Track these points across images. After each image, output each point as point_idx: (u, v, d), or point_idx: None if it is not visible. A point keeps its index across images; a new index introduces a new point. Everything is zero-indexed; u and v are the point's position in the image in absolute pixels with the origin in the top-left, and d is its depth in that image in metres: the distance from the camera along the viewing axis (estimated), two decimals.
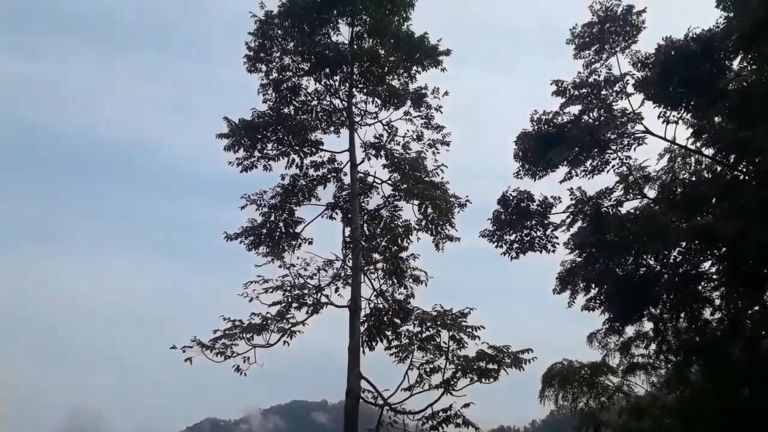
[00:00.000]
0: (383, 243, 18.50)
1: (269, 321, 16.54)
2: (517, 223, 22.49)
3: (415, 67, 19.37)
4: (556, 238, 22.64)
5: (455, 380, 15.69)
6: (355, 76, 19.10)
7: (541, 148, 22.11)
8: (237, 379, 16.52)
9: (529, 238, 22.76)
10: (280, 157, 18.49)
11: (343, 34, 19.30)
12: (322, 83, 19.09)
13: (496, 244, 22.84)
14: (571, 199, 22.18)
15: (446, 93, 19.41)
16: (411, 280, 18.32)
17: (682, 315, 20.87)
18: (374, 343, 17.70)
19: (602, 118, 21.99)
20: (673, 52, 19.59)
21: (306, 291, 17.32)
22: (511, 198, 22.49)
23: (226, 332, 16.02)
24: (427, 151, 18.96)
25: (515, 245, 22.80)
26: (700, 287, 20.70)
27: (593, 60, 22.57)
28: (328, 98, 19.26)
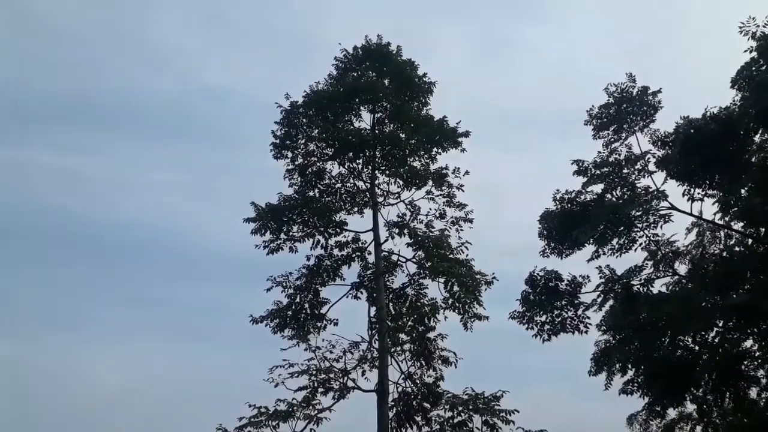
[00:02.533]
0: (410, 323, 18.19)
1: (295, 407, 16.21)
2: (547, 303, 22.07)
3: (435, 149, 19.87)
4: (588, 318, 22.09)
5: None
6: (377, 159, 19.63)
7: (565, 226, 22.09)
8: None
9: (560, 318, 22.23)
10: (306, 239, 18.74)
11: (365, 120, 20.18)
12: (346, 166, 19.65)
13: (526, 326, 22.31)
14: (601, 277, 21.81)
15: (467, 172, 19.76)
16: (440, 362, 17.86)
17: (727, 395, 19.75)
18: (403, 430, 17.07)
19: (626, 196, 22.00)
20: (692, 131, 19.80)
21: (332, 375, 17.03)
22: (538, 278, 22.19)
23: (252, 420, 15.71)
24: (450, 228, 19.03)
25: (546, 327, 22.24)
26: (743, 366, 19.73)
27: (612, 139, 22.92)
28: (351, 180, 19.76)
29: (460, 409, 16.22)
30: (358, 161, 19.61)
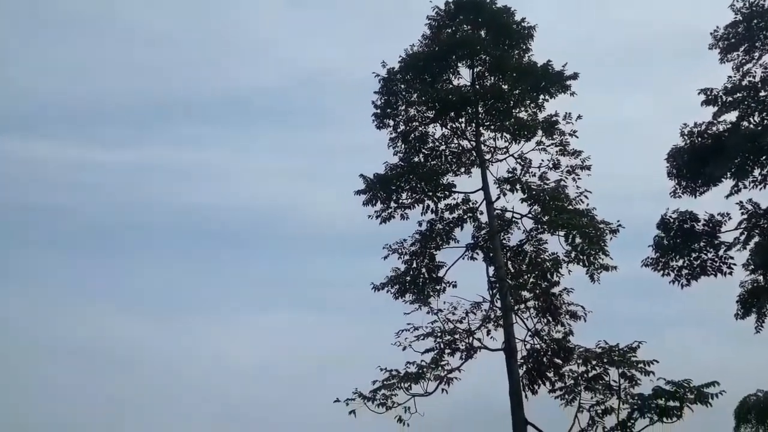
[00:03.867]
0: (531, 279, 17.77)
1: (425, 369, 16.45)
2: (683, 246, 20.75)
3: (542, 96, 18.94)
4: (732, 258, 20.39)
5: (632, 421, 14.52)
6: (480, 115, 19.04)
7: (697, 162, 20.73)
8: (399, 430, 16.40)
9: (699, 262, 20.77)
10: (416, 205, 18.65)
11: (464, 76, 19.54)
12: (449, 127, 19.26)
13: (661, 272, 21.04)
14: (743, 213, 20.13)
15: (579, 117, 18.66)
16: (567, 317, 17.35)
17: None
18: (536, 386, 16.84)
19: (765, 121, 20.00)
20: None
21: (457, 336, 17.13)
22: (671, 220, 20.85)
23: (385, 383, 16.10)
24: (566, 178, 18.21)
25: (684, 271, 20.87)
26: None
27: (744, 61, 21.16)
28: (455, 141, 19.34)
29: (594, 362, 15.71)
30: (460, 120, 19.12)
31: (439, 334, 16.94)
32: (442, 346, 16.86)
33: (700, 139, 20.87)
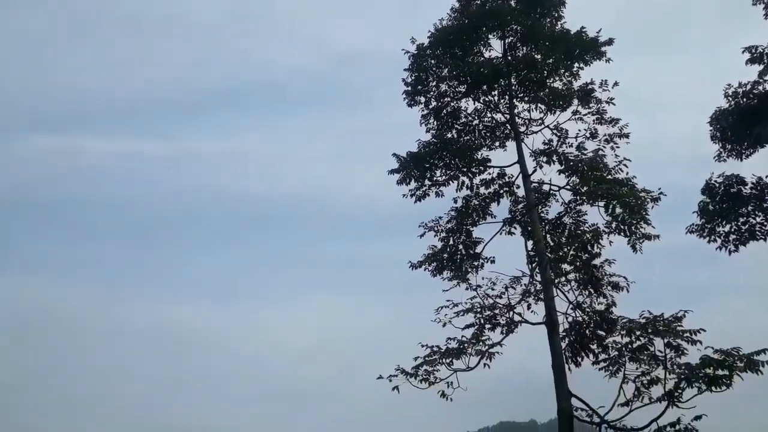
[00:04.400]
0: (571, 252, 17.58)
1: (466, 344, 16.64)
2: (730, 211, 20.04)
3: (576, 64, 18.47)
4: None
5: (680, 391, 14.41)
6: (513, 87, 18.72)
7: (743, 124, 19.90)
8: (442, 405, 16.64)
9: (747, 226, 20.05)
10: (450, 182, 18.50)
11: (495, 48, 19.16)
12: (481, 101, 18.98)
13: (707, 238, 20.44)
14: None
15: (616, 83, 18.15)
16: (609, 288, 17.20)
17: None
18: (579, 359, 16.85)
19: None
20: None
21: (497, 311, 17.14)
22: (717, 185, 20.17)
23: (426, 359, 16.33)
24: (604, 147, 17.80)
25: (731, 237, 20.19)
26: None
27: None
28: (489, 114, 19.06)
29: (638, 333, 15.50)
30: (493, 93, 18.82)
31: (478, 310, 16.98)
32: (482, 321, 16.93)
33: (745, 99, 20.02)
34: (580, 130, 18.24)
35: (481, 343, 16.69)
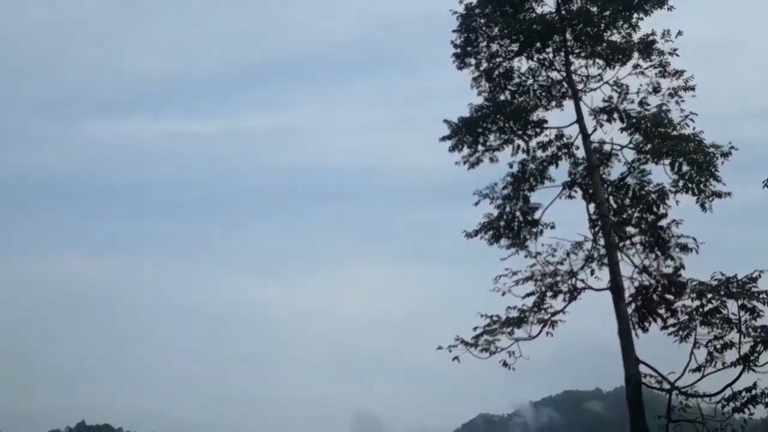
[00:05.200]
0: (636, 214, 16.98)
1: (527, 313, 16.49)
2: None
3: (635, 15, 17.40)
4: None
5: (756, 355, 14.02)
6: (569, 43, 17.73)
7: None
8: (505, 374, 16.59)
9: None
10: (505, 146, 17.87)
11: (547, 3, 18.12)
12: (535, 59, 18.05)
13: None
14: None
15: (679, 33, 17.06)
16: (677, 250, 16.60)
17: None
18: (647, 324, 16.47)
19: None
20: None
21: (558, 278, 16.84)
22: None
23: (486, 328, 16.25)
24: (668, 102, 16.88)
25: None
26: None
27: None
28: (543, 73, 18.13)
29: (710, 296, 14.99)
30: (547, 50, 17.87)
31: (539, 278, 16.75)
32: (543, 289, 16.70)
33: None
34: (641, 85, 17.32)
35: (542, 312, 16.52)
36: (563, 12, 17.82)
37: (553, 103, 18.04)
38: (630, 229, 16.92)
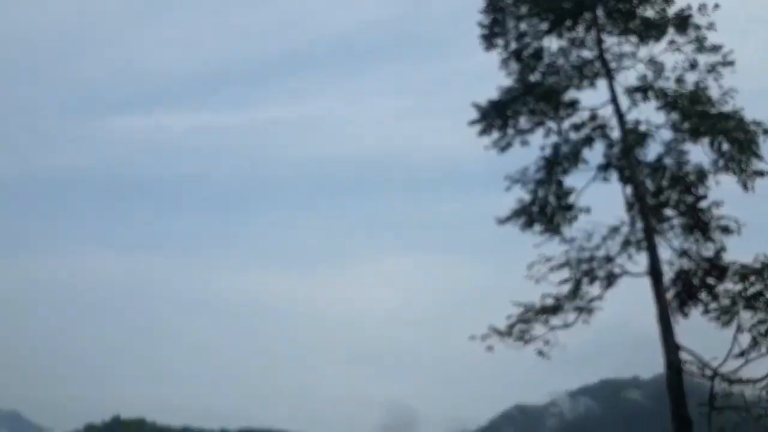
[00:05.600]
0: (674, 196, 16.47)
1: (562, 300, 16.17)
2: None
3: None
4: None
5: None
6: (600, 20, 17.19)
7: None
8: (540, 364, 16.32)
9: None
10: (536, 128, 17.39)
11: None
12: (566, 38, 17.52)
13: None
14: None
15: (716, 6, 16.35)
16: (718, 232, 16.03)
17: None
18: (687, 309, 15.97)
19: None
20: None
21: (595, 264, 16.40)
22: None
23: (520, 317, 15.99)
24: (706, 78, 16.30)
25: None
26: None
27: None
28: (575, 52, 17.61)
29: (753, 279, 14.74)
30: (578, 29, 17.33)
31: (574, 264, 16.33)
32: (579, 275, 16.29)
33: None
34: (677, 62, 16.67)
35: (579, 299, 16.14)
36: None
37: (586, 83, 17.46)
38: (668, 212, 16.44)
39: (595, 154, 17.37)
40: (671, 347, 15.09)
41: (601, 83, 17.17)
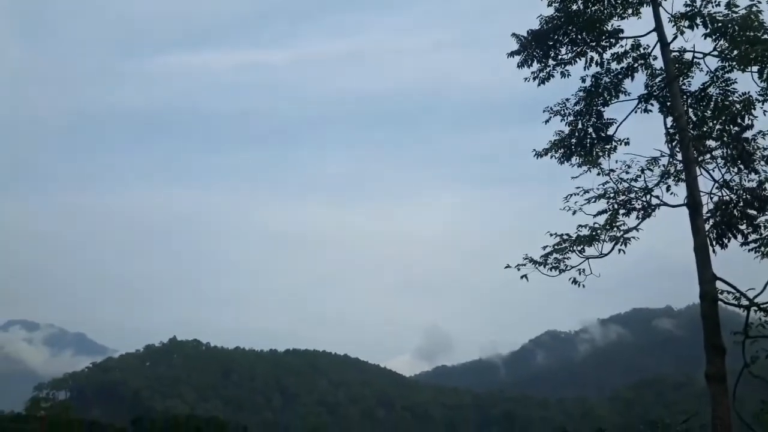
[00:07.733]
0: (718, 126, 16.06)
1: (599, 231, 16.12)
2: None
3: None
4: None
5: None
6: None
7: None
8: (573, 292, 16.58)
9: None
10: (577, 59, 17.00)
11: None
12: None
13: None
14: None
15: None
16: (763, 163, 15.75)
17: None
18: (726, 240, 15.82)
19: None
20: None
21: (632, 195, 16.30)
22: None
23: (556, 247, 16.05)
24: (759, 3, 15.38)
25: None
26: None
27: None
28: None
29: None
30: None
31: (612, 195, 16.25)
32: (615, 206, 16.24)
33: None
34: None
35: (615, 229, 16.09)
36: None
37: (630, 11, 16.78)
38: (711, 143, 16.10)
39: (636, 84, 17.02)
40: (707, 277, 14.92)
41: (646, 11, 16.46)
